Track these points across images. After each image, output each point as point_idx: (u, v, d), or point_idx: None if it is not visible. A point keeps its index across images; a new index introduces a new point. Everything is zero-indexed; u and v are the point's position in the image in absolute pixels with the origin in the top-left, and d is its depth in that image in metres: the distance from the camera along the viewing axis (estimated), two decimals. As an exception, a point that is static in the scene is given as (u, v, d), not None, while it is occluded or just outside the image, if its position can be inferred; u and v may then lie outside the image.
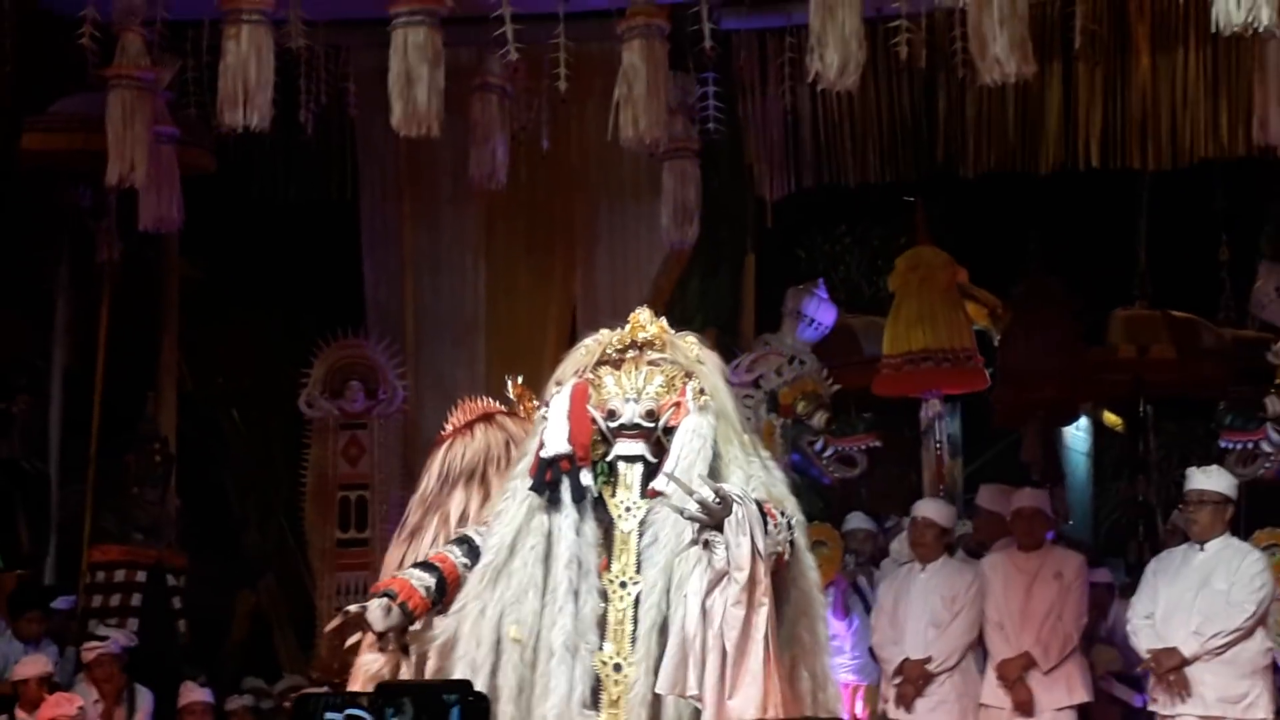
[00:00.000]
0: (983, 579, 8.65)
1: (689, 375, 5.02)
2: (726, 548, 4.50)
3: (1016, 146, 10.33)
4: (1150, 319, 12.18)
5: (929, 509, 8.99)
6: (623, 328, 5.15)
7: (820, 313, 10.62)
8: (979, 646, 8.63)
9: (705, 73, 9.67)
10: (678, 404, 4.95)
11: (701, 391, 4.98)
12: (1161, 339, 12.06)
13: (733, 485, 4.67)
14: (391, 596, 5.01)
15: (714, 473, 4.86)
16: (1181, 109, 9.85)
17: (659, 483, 4.83)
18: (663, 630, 4.70)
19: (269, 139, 9.01)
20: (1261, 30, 6.88)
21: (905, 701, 8.41)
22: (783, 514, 4.75)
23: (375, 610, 5.01)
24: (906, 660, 8.43)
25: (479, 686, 4.84)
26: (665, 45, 8.17)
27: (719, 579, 4.52)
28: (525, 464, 5.08)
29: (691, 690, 4.51)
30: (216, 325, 11.46)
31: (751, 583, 4.53)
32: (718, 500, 4.51)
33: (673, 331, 5.18)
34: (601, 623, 4.82)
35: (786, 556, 4.74)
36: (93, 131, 8.92)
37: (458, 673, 4.88)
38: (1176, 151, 9.99)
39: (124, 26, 8.68)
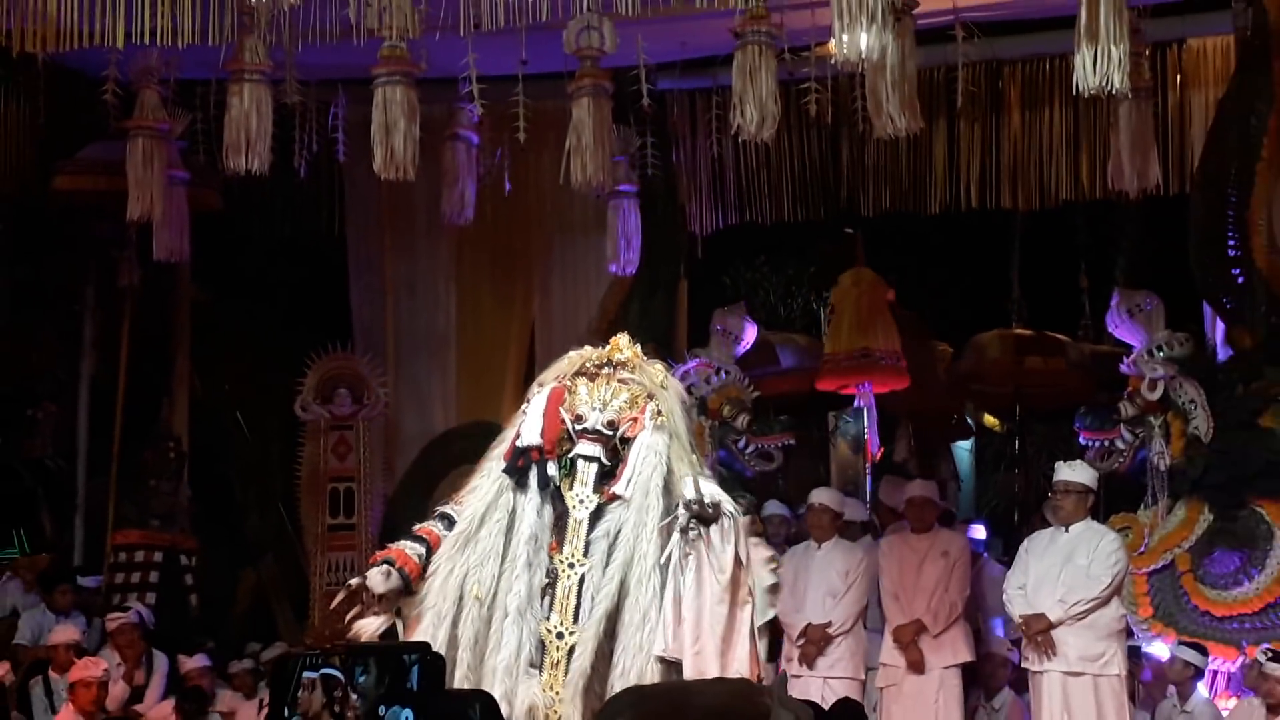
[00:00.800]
0: (881, 556, 8.68)
1: (651, 397, 5.06)
2: (711, 549, 4.54)
3: (908, 190, 10.40)
4: (1026, 337, 12.26)
5: (824, 496, 8.96)
6: (603, 347, 5.17)
7: (742, 330, 10.64)
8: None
9: (644, 126, 9.69)
10: (635, 419, 4.99)
11: (659, 413, 5.00)
12: (1035, 354, 12.14)
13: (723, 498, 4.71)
14: (390, 564, 5.02)
15: (667, 486, 4.89)
16: (1048, 158, 9.94)
17: (620, 489, 4.84)
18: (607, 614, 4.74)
19: (268, 181, 8.94)
20: (1115, 92, 6.94)
21: (808, 660, 8.36)
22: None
23: (376, 575, 5.02)
24: (809, 624, 8.39)
25: (443, 634, 4.86)
26: (609, 103, 8.14)
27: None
28: (502, 449, 5.10)
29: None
30: (222, 341, 11.39)
31: (734, 585, 4.58)
32: (711, 507, 4.56)
33: (645, 358, 5.20)
34: (549, 595, 4.84)
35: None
36: (115, 174, 8.88)
37: (426, 620, 4.90)
38: (1043, 195, 10.08)
39: (142, 84, 8.66)
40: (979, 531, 10.21)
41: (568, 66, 8.14)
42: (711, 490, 4.91)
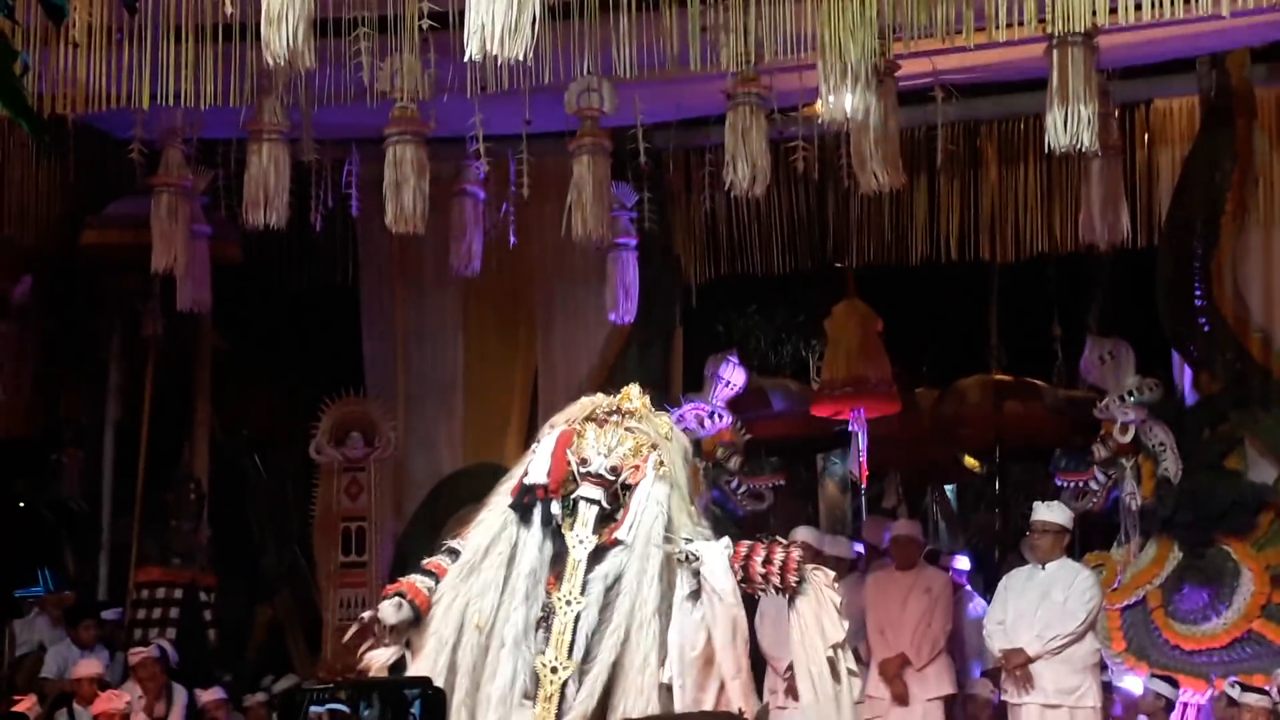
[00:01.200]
0: (867, 592, 8.63)
1: (655, 446, 5.02)
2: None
3: (891, 242, 10.38)
4: (1005, 383, 12.23)
5: (804, 534, 8.93)
6: (615, 395, 5.15)
7: (734, 376, 10.61)
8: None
9: (641, 182, 9.69)
10: (638, 467, 4.95)
11: (661, 463, 4.97)
12: (1014, 399, 12.11)
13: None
14: (402, 596, 4.98)
15: (666, 535, 4.86)
16: (1023, 213, 9.94)
17: (622, 534, 4.82)
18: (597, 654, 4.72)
19: (286, 235, 8.96)
20: (1085, 150, 6.96)
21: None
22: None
23: (388, 607, 4.98)
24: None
25: (443, 660, 4.81)
26: (609, 160, 8.16)
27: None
28: (509, 485, 5.06)
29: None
30: (242, 387, 11.36)
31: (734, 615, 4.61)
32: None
33: (653, 409, 5.17)
34: (545, 630, 4.79)
35: None
36: (141, 229, 8.86)
37: (429, 646, 4.86)
38: (1019, 247, 10.07)
39: (166, 143, 8.65)
40: (963, 562, 10.14)
41: (569, 126, 8.16)
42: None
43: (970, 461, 13.40)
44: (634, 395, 5.12)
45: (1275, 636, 8.60)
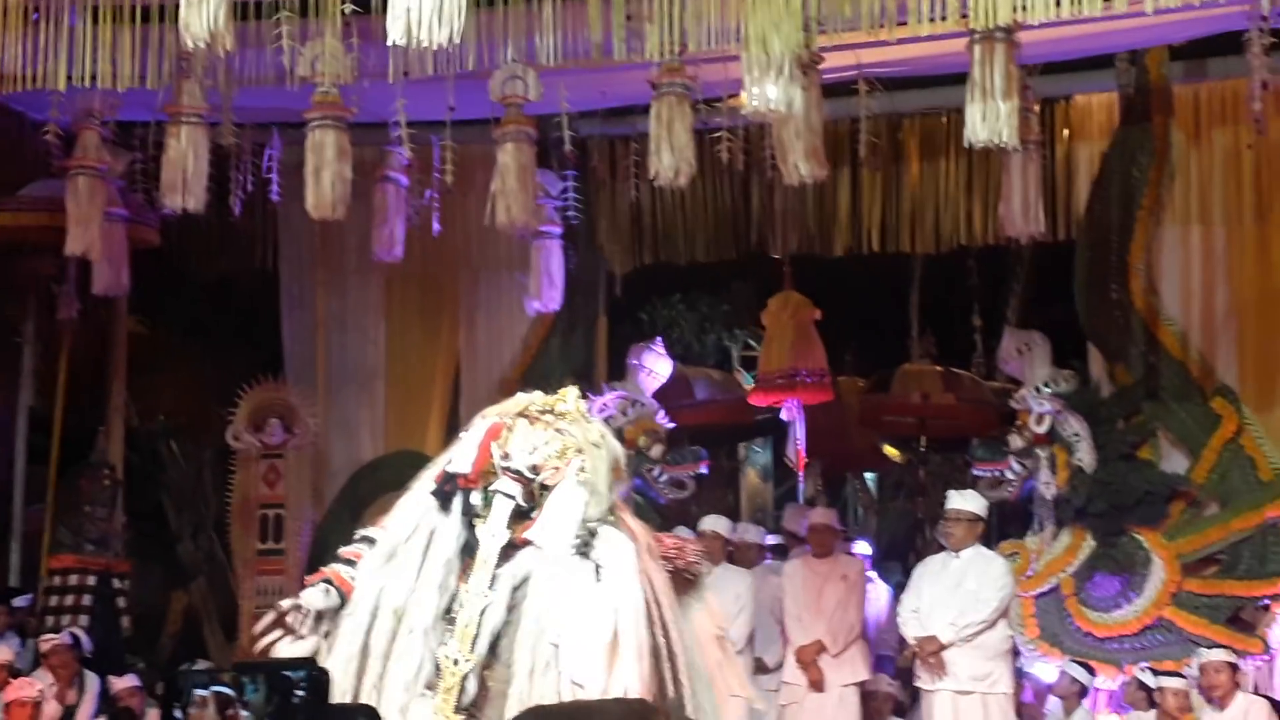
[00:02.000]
0: (785, 580, 8.72)
1: (580, 452, 5.00)
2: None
3: (815, 233, 10.45)
4: (930, 373, 12.38)
5: (712, 523, 8.99)
6: (552, 394, 5.15)
7: (658, 365, 10.67)
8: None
9: (566, 170, 9.71)
10: (558, 469, 4.94)
11: (583, 469, 4.96)
12: (939, 389, 12.26)
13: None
14: (329, 583, 4.97)
15: (583, 545, 4.87)
16: (943, 205, 10.04)
17: (533, 535, 4.84)
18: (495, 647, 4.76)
19: (204, 219, 8.90)
20: (1005, 144, 7.06)
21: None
22: None
23: (315, 594, 4.94)
24: None
25: (358, 644, 4.80)
26: (533, 148, 8.16)
27: None
28: (432, 473, 5.05)
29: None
30: (158, 372, 11.26)
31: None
32: None
33: (589, 414, 5.16)
34: (450, 622, 4.81)
35: None
36: (56, 212, 8.74)
37: (344, 627, 4.84)
38: (940, 239, 10.18)
39: (83, 126, 8.53)
40: (862, 548, 10.29)
41: (493, 113, 8.15)
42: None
43: (890, 450, 13.56)
44: (570, 397, 5.11)
45: (1185, 624, 8.80)
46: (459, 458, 4.97)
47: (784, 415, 11.33)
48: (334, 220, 8.02)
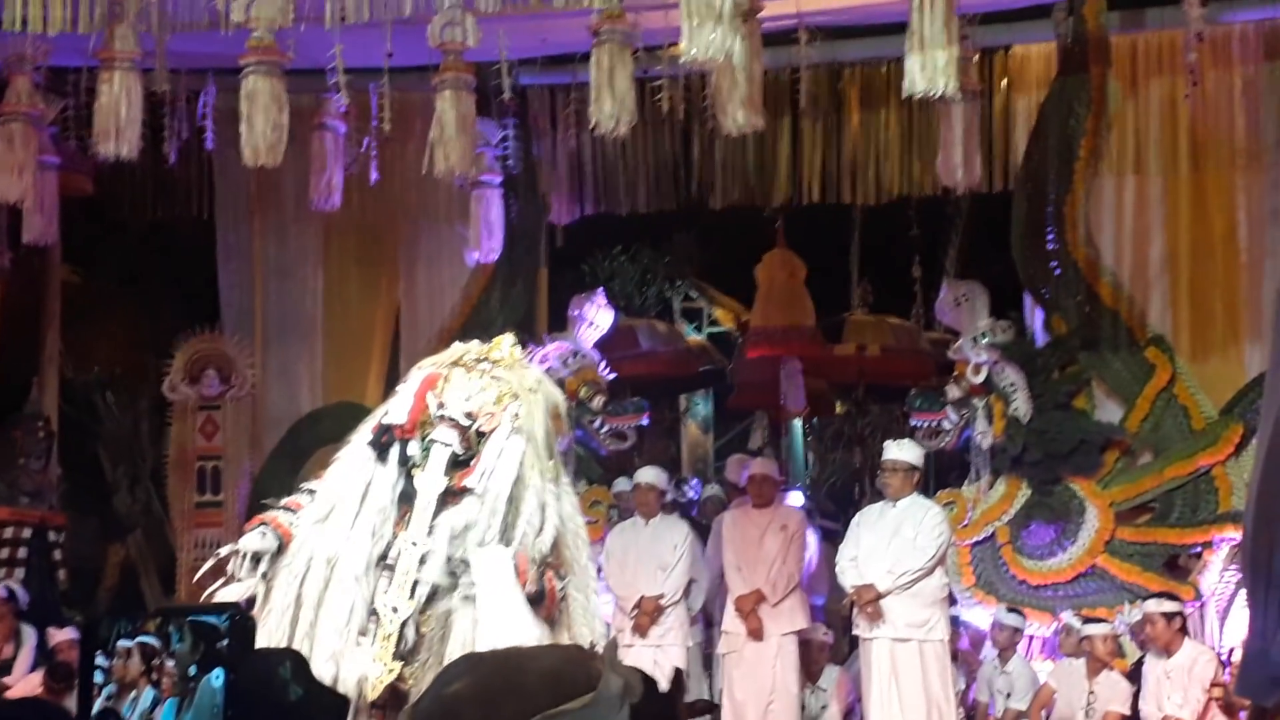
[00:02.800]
0: (724, 530, 8.77)
1: (516, 398, 5.01)
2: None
3: (755, 184, 10.46)
4: (870, 323, 12.46)
5: (648, 475, 9.00)
6: (488, 343, 5.15)
7: (599, 316, 10.69)
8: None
9: (506, 119, 9.66)
10: (493, 415, 4.95)
11: (518, 415, 4.97)
12: (879, 339, 12.35)
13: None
14: (265, 525, 4.98)
15: (513, 495, 4.88)
16: (883, 156, 10.08)
17: (471, 482, 4.86)
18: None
19: (138, 167, 8.79)
20: (944, 94, 7.09)
21: (641, 630, 8.40)
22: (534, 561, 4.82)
23: (252, 536, 4.96)
24: (643, 597, 8.42)
25: (293, 592, 4.82)
26: (472, 96, 8.11)
27: None
28: (370, 424, 5.06)
29: None
30: (92, 322, 11.14)
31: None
32: None
33: (523, 360, 5.16)
34: (389, 570, 4.83)
35: (558, 590, 4.85)
36: (-14, 158, 8.63)
37: (281, 578, 4.86)
38: (880, 190, 10.22)
39: (15, 71, 8.42)
40: (795, 498, 10.39)
41: (432, 60, 8.09)
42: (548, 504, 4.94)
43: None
44: (505, 344, 5.12)
45: (1119, 571, 8.93)
46: (395, 409, 5.00)
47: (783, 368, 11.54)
48: (270, 168, 7.96)
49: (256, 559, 4.93)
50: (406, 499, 4.94)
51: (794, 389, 11.88)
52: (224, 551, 5.00)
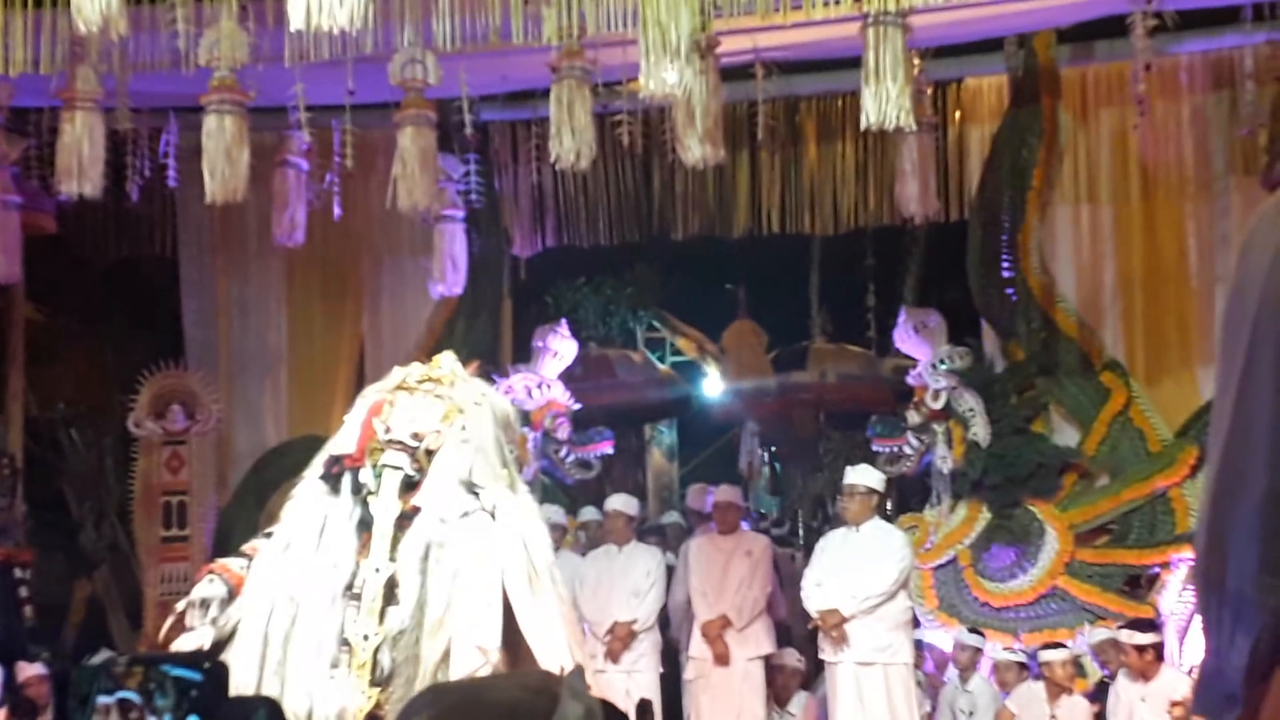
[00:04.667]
0: (690, 557, 8.78)
1: (462, 411, 5.01)
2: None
3: (715, 215, 10.52)
4: (830, 351, 12.52)
5: (617, 502, 9.03)
6: (426, 364, 5.13)
7: (563, 347, 10.69)
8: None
9: (468, 154, 9.67)
10: (439, 432, 4.94)
11: (464, 428, 4.96)
12: (839, 367, 12.41)
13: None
14: (214, 574, 4.96)
15: (470, 501, 4.86)
16: (840, 187, 10.16)
17: (419, 500, 4.84)
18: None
19: (101, 205, 8.76)
20: (900, 126, 7.15)
21: (614, 656, 8.41)
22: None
23: (202, 583, 4.94)
24: (616, 623, 8.43)
25: (259, 630, 4.79)
26: (434, 132, 8.12)
27: None
28: (323, 457, 5.04)
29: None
30: (57, 359, 11.07)
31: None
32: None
33: (464, 375, 5.14)
34: (355, 599, 4.81)
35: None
36: (-51, 198, 8.59)
37: (245, 620, 4.83)
38: (837, 220, 10.29)
39: (-25, 110, 8.39)
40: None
41: (393, 97, 8.11)
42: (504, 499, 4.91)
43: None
44: (444, 362, 5.12)
45: (1079, 592, 8.99)
46: (342, 440, 4.98)
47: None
48: (234, 205, 7.94)
49: (205, 605, 4.91)
50: (365, 526, 4.92)
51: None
52: (180, 606, 4.97)
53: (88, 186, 7.88)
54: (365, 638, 4.74)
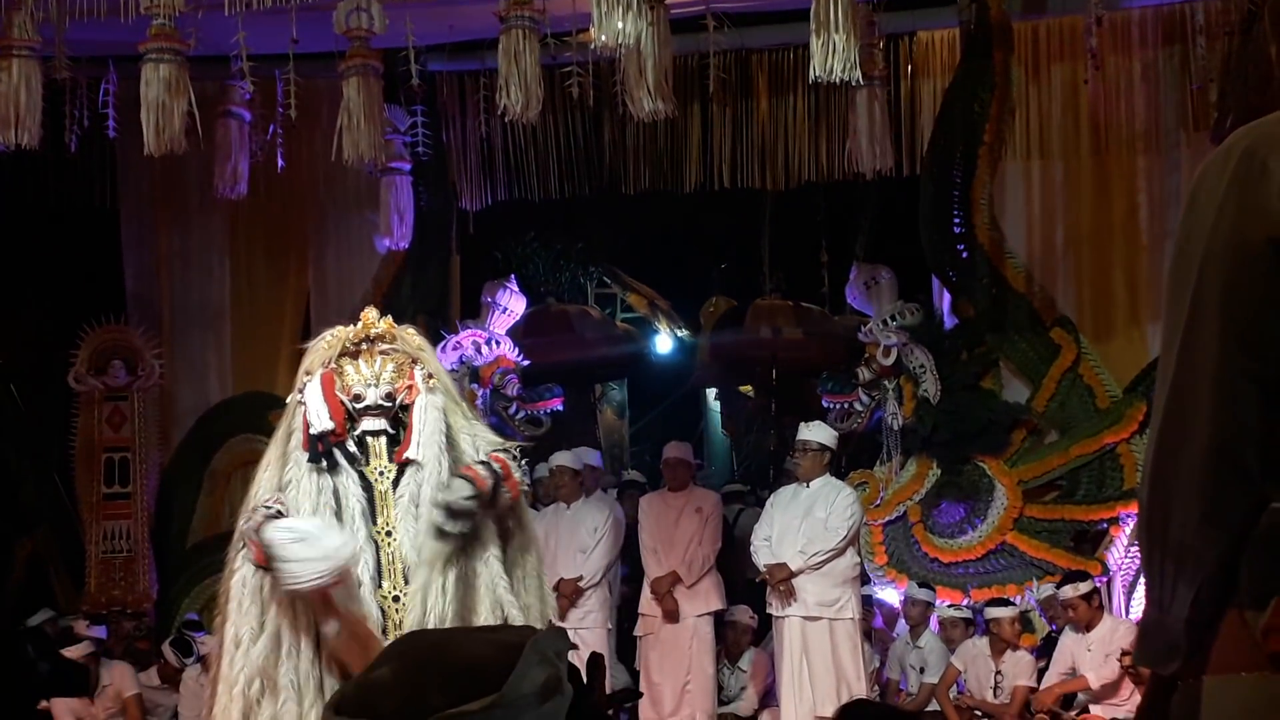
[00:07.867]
0: (641, 513, 8.81)
1: (415, 361, 5.00)
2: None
3: (666, 169, 10.48)
4: (782, 308, 12.53)
5: (562, 458, 9.04)
6: (356, 325, 5.08)
7: (512, 302, 10.66)
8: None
9: (415, 105, 9.59)
10: (410, 385, 4.93)
11: (430, 375, 4.97)
12: (791, 323, 12.44)
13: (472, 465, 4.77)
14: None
15: (449, 440, 4.86)
16: (792, 141, 10.13)
17: (412, 453, 4.83)
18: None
19: (40, 155, 8.63)
20: (851, 80, 7.14)
21: (561, 612, 8.42)
22: (507, 452, 4.86)
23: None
24: (561, 579, 8.44)
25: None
26: (380, 82, 8.05)
27: None
28: (297, 440, 4.96)
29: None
30: (-5, 314, 10.95)
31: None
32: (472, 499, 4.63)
33: (397, 326, 5.12)
34: (377, 566, 4.79)
35: (522, 488, 4.89)
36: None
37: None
38: (789, 175, 10.28)
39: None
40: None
41: (338, 46, 8.02)
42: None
43: (743, 386, 13.76)
44: (375, 319, 5.08)
45: (1027, 548, 9.08)
46: (316, 419, 4.88)
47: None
48: (175, 156, 7.84)
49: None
50: (365, 493, 4.91)
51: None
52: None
53: (25, 136, 7.78)
54: (396, 599, 4.73)
